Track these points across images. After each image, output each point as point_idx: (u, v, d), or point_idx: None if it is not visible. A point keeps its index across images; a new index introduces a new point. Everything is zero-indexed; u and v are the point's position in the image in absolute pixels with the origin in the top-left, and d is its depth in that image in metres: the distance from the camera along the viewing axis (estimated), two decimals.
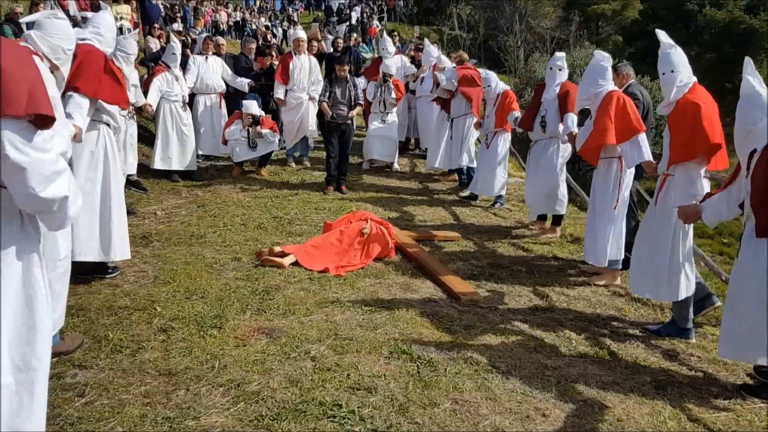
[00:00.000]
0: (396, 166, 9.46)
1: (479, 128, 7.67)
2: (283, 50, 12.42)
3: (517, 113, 7.03)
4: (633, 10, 33.15)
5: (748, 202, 3.18)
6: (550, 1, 32.32)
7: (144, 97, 7.26)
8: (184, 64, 8.35)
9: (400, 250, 5.57)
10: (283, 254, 5.02)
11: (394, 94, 9.00)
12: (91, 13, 5.81)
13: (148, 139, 8.84)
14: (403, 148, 10.33)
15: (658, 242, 4.01)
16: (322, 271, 4.90)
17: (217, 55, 8.86)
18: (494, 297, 4.67)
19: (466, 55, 9.29)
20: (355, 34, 21.65)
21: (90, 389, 3.00)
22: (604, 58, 4.91)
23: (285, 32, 24.10)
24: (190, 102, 8.36)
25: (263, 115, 8.48)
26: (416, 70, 10.21)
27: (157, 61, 8.30)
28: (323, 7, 32.15)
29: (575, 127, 5.71)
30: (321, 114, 8.36)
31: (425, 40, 11.77)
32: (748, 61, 3.30)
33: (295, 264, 4.96)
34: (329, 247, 5.15)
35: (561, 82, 6.17)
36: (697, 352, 3.93)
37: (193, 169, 8.23)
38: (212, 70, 8.59)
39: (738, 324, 3.25)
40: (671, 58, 3.93)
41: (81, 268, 4.24)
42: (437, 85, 8.57)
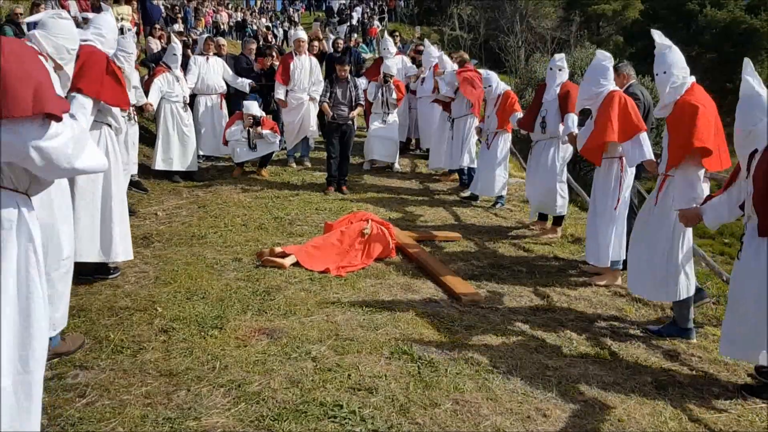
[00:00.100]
0: (397, 167, 9.46)
1: (480, 133, 7.66)
2: (284, 51, 12.42)
3: (519, 114, 7.02)
4: (634, 10, 33.14)
5: (749, 203, 3.18)
6: (550, 2, 32.28)
7: (145, 97, 7.28)
8: (184, 65, 8.36)
9: (400, 250, 5.57)
10: (284, 255, 5.02)
11: (395, 95, 9.01)
12: (92, 14, 5.82)
13: (149, 139, 8.84)
14: (403, 149, 10.32)
15: (657, 242, 4.01)
16: (323, 272, 4.90)
17: (218, 55, 8.86)
18: (495, 297, 4.67)
19: (467, 56, 9.30)
20: (355, 35, 21.68)
21: (91, 390, 3.00)
22: (606, 58, 4.91)
23: (286, 33, 24.14)
24: (191, 102, 8.36)
25: (264, 116, 8.49)
26: (417, 70, 10.21)
27: (158, 62, 8.30)
28: (324, 8, 32.21)
29: (575, 127, 5.71)
30: (322, 114, 8.37)
31: (425, 40, 11.75)
32: (748, 62, 3.30)
33: (296, 264, 4.96)
34: (330, 248, 5.15)
35: (561, 82, 6.17)
36: (698, 352, 3.93)
37: (194, 169, 8.23)
38: (213, 71, 8.60)
39: (739, 324, 3.25)
40: (665, 58, 3.92)
41: (83, 269, 4.24)
42: (437, 89, 8.59)
